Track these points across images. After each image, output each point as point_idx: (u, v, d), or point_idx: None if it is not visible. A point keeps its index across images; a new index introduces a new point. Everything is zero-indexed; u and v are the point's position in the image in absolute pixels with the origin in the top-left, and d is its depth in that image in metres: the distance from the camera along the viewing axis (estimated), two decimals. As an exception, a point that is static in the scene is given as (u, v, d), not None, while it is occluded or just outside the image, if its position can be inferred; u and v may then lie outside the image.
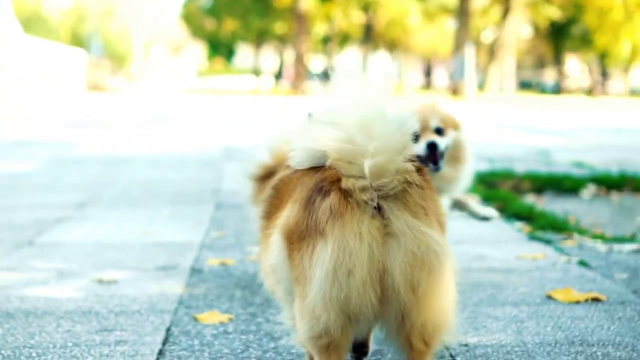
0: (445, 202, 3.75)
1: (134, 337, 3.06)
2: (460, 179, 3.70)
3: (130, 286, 3.83)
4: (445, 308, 2.17)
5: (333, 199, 2.11)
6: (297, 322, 2.22)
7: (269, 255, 2.35)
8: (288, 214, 2.23)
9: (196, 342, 3.01)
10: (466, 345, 2.93)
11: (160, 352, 2.89)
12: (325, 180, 2.16)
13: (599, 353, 2.84)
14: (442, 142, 3.62)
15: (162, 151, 11.01)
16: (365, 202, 2.10)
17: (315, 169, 2.24)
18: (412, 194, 2.13)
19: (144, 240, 4.93)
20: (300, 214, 2.17)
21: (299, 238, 2.15)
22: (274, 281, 2.39)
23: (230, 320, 3.28)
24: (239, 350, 2.90)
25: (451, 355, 2.83)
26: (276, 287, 2.40)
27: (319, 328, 2.15)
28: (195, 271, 4.13)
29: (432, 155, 3.59)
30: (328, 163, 2.18)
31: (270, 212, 2.43)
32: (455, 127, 3.73)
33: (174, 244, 4.82)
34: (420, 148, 3.58)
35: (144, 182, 7.78)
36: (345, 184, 2.12)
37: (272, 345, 2.97)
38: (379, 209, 2.10)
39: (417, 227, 2.10)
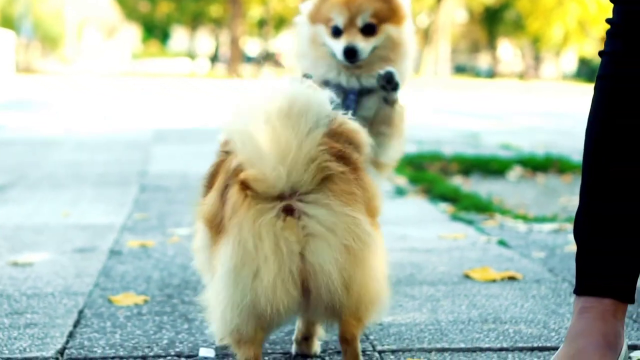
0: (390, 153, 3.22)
1: (44, 320, 3.00)
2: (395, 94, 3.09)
3: (46, 269, 3.75)
4: (377, 292, 2.11)
5: (235, 193, 2.01)
6: (213, 322, 2.15)
7: (196, 238, 2.32)
8: (208, 201, 2.17)
9: (108, 323, 2.96)
10: (380, 324, 2.93)
11: (71, 335, 2.84)
12: (237, 170, 2.03)
13: (510, 330, 2.87)
14: (366, 46, 3.09)
15: (90, 133, 10.85)
16: (272, 199, 1.99)
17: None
18: (332, 184, 2.01)
19: (64, 222, 4.84)
20: (217, 204, 2.10)
21: (216, 230, 2.08)
22: (199, 263, 2.37)
23: (146, 302, 3.24)
24: (151, 332, 2.86)
25: (365, 335, 2.82)
26: (202, 269, 2.38)
27: (229, 328, 2.07)
28: (114, 253, 4.07)
29: (352, 63, 3.09)
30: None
31: (204, 195, 2.35)
32: (396, 21, 3.13)
33: (94, 226, 4.74)
34: (337, 52, 3.11)
35: (70, 164, 7.65)
36: (248, 180, 1.99)
37: (185, 326, 2.93)
38: (290, 209, 1.99)
39: (336, 220, 1.99)
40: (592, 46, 44.21)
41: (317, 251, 1.98)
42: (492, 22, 52.62)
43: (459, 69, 60.97)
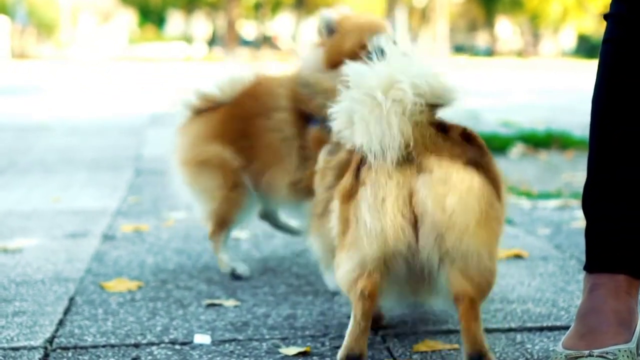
0: None
1: (34, 308, 2.88)
2: None
3: (36, 255, 3.64)
4: (484, 239, 2.15)
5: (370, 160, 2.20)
6: (338, 271, 2.27)
7: (330, 218, 2.40)
8: (344, 181, 2.32)
9: (100, 310, 2.84)
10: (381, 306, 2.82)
11: (61, 322, 2.72)
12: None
13: (518, 310, 2.76)
14: None
15: (84, 118, 10.72)
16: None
17: None
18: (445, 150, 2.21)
19: (55, 208, 4.72)
20: (351, 178, 2.27)
21: (349, 196, 2.24)
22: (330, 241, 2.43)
23: (139, 287, 3.12)
24: (145, 319, 2.75)
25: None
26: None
27: (358, 267, 2.18)
28: (107, 238, 3.96)
29: None
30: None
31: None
32: None
33: (87, 210, 4.62)
34: None
35: (62, 148, 7.52)
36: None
37: (180, 312, 2.82)
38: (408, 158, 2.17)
39: (447, 164, 2.16)
40: (590, 22, 44.01)
41: (423, 184, 2.14)
42: (489, 1, 52.34)
43: (458, 49, 60.68)
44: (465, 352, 2.16)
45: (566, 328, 2.50)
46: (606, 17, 2.29)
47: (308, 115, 3.12)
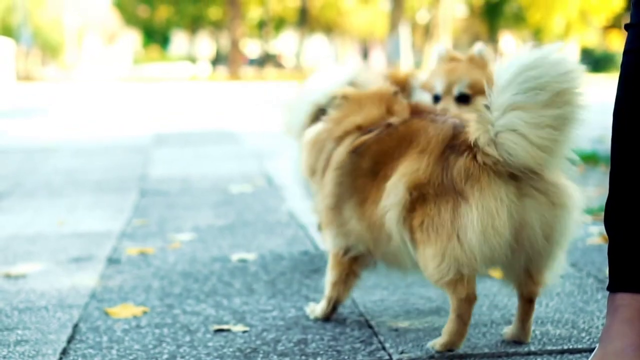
0: None
1: (37, 336, 2.80)
2: None
3: (40, 280, 3.56)
4: (563, 254, 2.43)
5: (468, 161, 2.29)
6: (427, 263, 2.36)
7: (383, 197, 2.43)
8: (415, 166, 2.36)
9: (105, 338, 2.76)
10: (396, 330, 2.73)
11: (64, 351, 2.64)
12: (458, 139, 2.33)
13: (537, 332, 2.66)
14: None
15: (89, 139, 10.64)
16: (500, 169, 2.26)
17: (438, 119, 2.45)
18: None
19: (60, 231, 4.64)
20: (433, 168, 2.32)
21: (434, 193, 2.31)
22: (386, 234, 2.47)
23: (145, 313, 3.04)
24: (150, 346, 2.66)
25: (380, 342, 2.62)
26: (388, 241, 2.50)
27: (455, 271, 2.32)
28: (111, 262, 3.87)
29: None
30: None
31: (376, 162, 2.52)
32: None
33: (92, 233, 4.54)
34: None
35: (68, 170, 7.45)
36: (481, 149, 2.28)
37: (187, 338, 2.73)
38: (513, 174, 2.27)
39: (549, 186, 2.31)
40: (594, 36, 43.97)
41: (531, 212, 2.29)
42: (492, 16, 52.30)
43: (461, 64, 60.58)
44: (521, 340, 2.53)
45: (588, 351, 2.42)
46: (627, 27, 2.21)
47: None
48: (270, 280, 3.47)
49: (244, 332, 2.78)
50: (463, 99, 3.39)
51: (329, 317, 2.84)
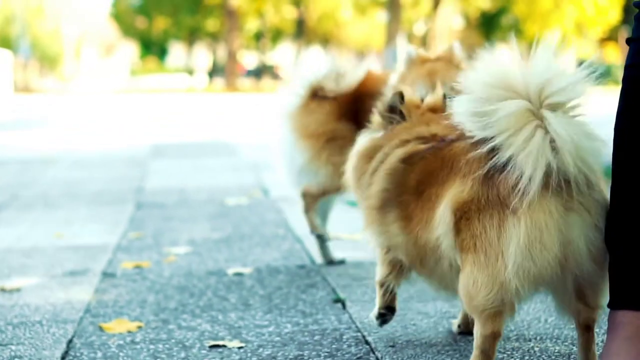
0: None
1: (30, 352, 2.77)
2: None
3: (34, 294, 3.53)
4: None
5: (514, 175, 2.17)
6: (469, 288, 2.24)
7: (429, 228, 2.35)
8: (459, 189, 2.26)
9: (99, 354, 2.73)
10: (393, 346, 2.71)
11: (58, 368, 2.61)
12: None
13: (536, 348, 2.64)
14: None
15: (86, 151, 10.63)
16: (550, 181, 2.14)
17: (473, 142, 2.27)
18: None
19: (56, 244, 4.61)
20: (477, 188, 2.22)
21: (477, 209, 2.21)
22: (435, 257, 2.37)
23: (140, 328, 3.01)
24: (145, 362, 2.63)
25: (377, 359, 2.60)
26: (437, 264, 2.40)
27: (502, 298, 2.19)
28: (106, 276, 3.84)
29: None
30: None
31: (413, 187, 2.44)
32: None
33: (87, 246, 4.52)
34: None
35: (65, 182, 7.42)
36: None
37: (182, 354, 2.70)
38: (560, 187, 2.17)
39: (593, 199, 2.18)
40: (590, 48, 44.05)
41: (577, 227, 2.17)
42: (489, 28, 52.44)
43: (458, 76, 60.70)
44: None
45: (587, 368, 2.39)
46: (628, 41, 2.19)
47: None
48: (267, 295, 3.44)
49: (240, 348, 2.75)
50: None
51: (384, 315, 2.71)
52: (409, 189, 2.46)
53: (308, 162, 3.82)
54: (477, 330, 2.26)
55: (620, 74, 2.24)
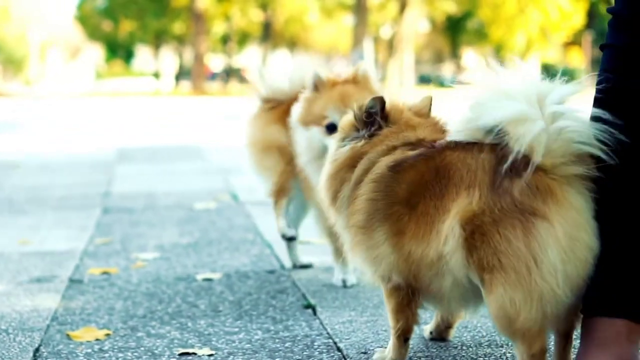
0: None
1: (-4, 361, 2.73)
2: None
3: (0, 302, 3.47)
4: None
5: (531, 177, 2.08)
6: (507, 311, 2.09)
7: (430, 244, 2.21)
8: (466, 201, 2.14)
9: (67, 363, 2.69)
10: (365, 352, 2.69)
11: (25, 378, 2.57)
12: (503, 163, 2.11)
13: (508, 354, 2.64)
14: None
15: (52, 155, 10.51)
16: (572, 176, 2.09)
17: (470, 147, 2.20)
18: None
19: (21, 250, 4.55)
20: (486, 198, 2.11)
21: (492, 221, 2.09)
22: (432, 273, 2.24)
23: (108, 336, 2.97)
24: (114, 371, 2.60)
25: (349, 365, 2.58)
26: (435, 280, 2.25)
27: (544, 312, 2.07)
28: (73, 282, 3.79)
29: None
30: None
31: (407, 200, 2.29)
32: None
33: (54, 252, 4.45)
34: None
35: (31, 186, 7.33)
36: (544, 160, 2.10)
37: (152, 362, 2.67)
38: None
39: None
40: (554, 52, 44.41)
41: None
42: (454, 32, 52.74)
43: (423, 79, 60.93)
44: None
45: (559, 373, 2.38)
46: (602, 47, 2.20)
47: None
48: (236, 301, 3.41)
49: (210, 355, 2.72)
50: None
51: (403, 354, 2.49)
52: (399, 200, 2.29)
53: (254, 168, 3.88)
54: (522, 352, 2.13)
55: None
